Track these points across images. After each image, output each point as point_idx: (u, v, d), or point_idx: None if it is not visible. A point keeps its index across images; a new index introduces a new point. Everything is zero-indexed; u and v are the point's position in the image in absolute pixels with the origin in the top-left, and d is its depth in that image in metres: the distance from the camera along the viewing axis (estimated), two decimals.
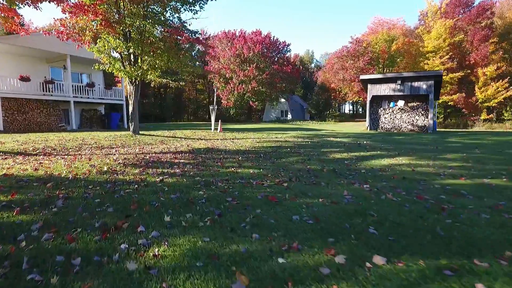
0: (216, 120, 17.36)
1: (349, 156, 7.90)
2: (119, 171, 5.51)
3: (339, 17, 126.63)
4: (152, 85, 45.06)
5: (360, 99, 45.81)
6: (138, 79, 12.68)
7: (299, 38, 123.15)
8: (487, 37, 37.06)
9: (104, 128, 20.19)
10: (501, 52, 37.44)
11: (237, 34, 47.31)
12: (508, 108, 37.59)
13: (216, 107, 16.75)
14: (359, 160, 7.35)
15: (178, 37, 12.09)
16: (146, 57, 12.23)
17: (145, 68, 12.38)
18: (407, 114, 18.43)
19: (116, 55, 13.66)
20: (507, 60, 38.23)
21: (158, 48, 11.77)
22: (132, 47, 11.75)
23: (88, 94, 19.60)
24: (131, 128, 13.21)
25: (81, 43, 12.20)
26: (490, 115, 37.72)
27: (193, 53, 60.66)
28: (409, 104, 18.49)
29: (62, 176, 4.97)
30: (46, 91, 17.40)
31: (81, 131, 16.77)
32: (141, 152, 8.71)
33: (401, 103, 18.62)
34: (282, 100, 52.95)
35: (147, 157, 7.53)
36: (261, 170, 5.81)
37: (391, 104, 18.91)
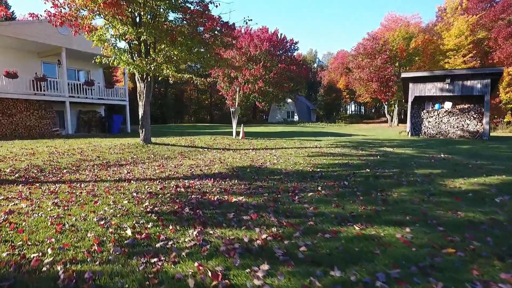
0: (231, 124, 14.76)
1: (484, 182, 5.40)
2: (155, 235, 2.94)
3: (342, 16, 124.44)
4: (171, 82, 41.96)
5: (375, 99, 43.50)
6: (151, 74, 10.09)
7: (302, 37, 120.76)
8: None
9: (105, 132, 17.56)
10: None
11: (242, 31, 44.68)
12: None
13: (239, 110, 14.19)
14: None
15: (203, 20, 9.49)
16: (163, 45, 9.63)
17: (160, 61, 9.79)
18: (456, 117, 15.97)
19: (123, 44, 11.09)
20: None
21: (179, 35, 9.16)
22: (145, 34, 9.15)
23: (86, 94, 16.96)
24: (142, 136, 10.61)
25: (79, 29, 9.61)
26: None
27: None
28: (457, 106, 16.04)
29: (43, 262, 2.40)
30: (38, 90, 14.75)
31: (78, 136, 14.14)
32: (165, 175, 6.14)
33: (448, 105, 16.16)
34: (289, 100, 50.53)
35: (181, 188, 4.96)
36: (405, 230, 3.27)
37: (436, 106, 16.46)
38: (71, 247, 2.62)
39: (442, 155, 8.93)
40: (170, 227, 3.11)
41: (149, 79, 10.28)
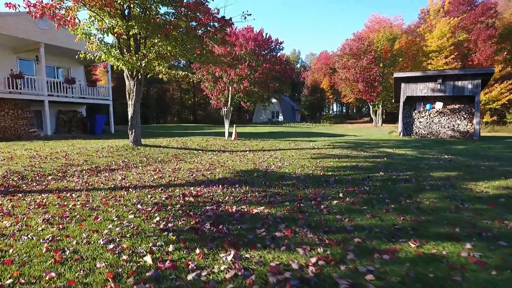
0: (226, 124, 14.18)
1: (508, 185, 5.12)
2: (181, 262, 2.39)
3: (325, 17, 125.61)
4: (165, 80, 39.98)
5: (359, 99, 43.91)
6: (142, 71, 9.39)
7: (285, 38, 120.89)
8: (491, 37, 35.84)
9: (87, 133, 16.55)
10: (505, 53, 36.34)
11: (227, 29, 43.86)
12: (511, 111, 36.58)
13: (231, 109, 13.63)
14: None
15: (198, 14, 8.89)
16: (156, 40, 8.94)
17: (151, 57, 9.11)
18: (447, 118, 16.04)
19: (110, 39, 10.32)
20: (511, 61, 37.22)
21: (174, 29, 8.51)
22: (136, 27, 8.46)
23: (66, 92, 15.91)
24: (131, 137, 9.88)
25: (63, 22, 8.80)
26: (493, 118, 36.57)
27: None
28: (448, 106, 16.12)
29: None
30: (13, 88, 13.64)
31: (58, 138, 13.15)
32: (165, 181, 5.54)
33: (439, 105, 16.21)
34: (274, 100, 50.23)
35: (189, 197, 4.39)
36: (465, 246, 2.87)
37: (427, 106, 16.49)
38: (78, 285, 2.04)
39: (445, 156, 8.73)
40: (197, 251, 2.57)
41: (139, 76, 9.58)
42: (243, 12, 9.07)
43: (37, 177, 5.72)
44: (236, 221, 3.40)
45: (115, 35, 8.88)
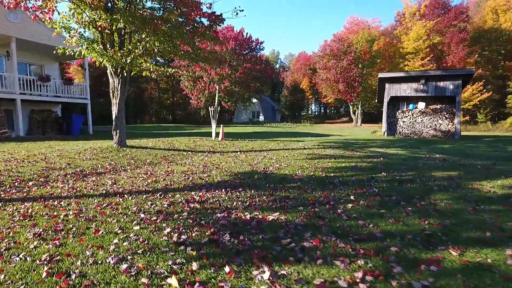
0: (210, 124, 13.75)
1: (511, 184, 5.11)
2: (213, 284, 2.07)
3: (303, 18, 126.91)
4: (154, 78, 38.31)
5: (338, 99, 44.53)
6: (127, 68, 8.85)
7: (265, 38, 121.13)
8: (463, 40, 37.32)
9: (63, 134, 15.59)
10: (476, 56, 37.96)
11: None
12: (482, 111, 38.22)
13: (218, 109, 13.22)
14: None
15: (184, 9, 8.47)
16: (144, 35, 8.42)
17: (138, 53, 8.60)
18: (429, 117, 16.40)
19: (91, 34, 9.75)
20: (481, 64, 38.92)
21: (164, 23, 8.04)
22: (121, 21, 7.92)
23: (40, 91, 14.94)
24: (116, 138, 9.30)
25: (39, 14, 8.14)
26: (466, 117, 38.10)
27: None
28: (430, 106, 16.48)
29: None
30: None
31: (32, 139, 12.24)
32: (161, 185, 5.15)
33: (421, 105, 16.55)
34: (254, 100, 50.04)
35: (193, 203, 4.04)
36: (506, 252, 2.72)
37: (410, 106, 16.80)
38: None
39: (437, 155, 8.79)
40: (226, 269, 2.25)
41: (124, 73, 9.02)
42: (235, 8, 8.75)
43: (16, 183, 5.16)
44: (255, 230, 3.10)
45: (99, 28, 8.29)
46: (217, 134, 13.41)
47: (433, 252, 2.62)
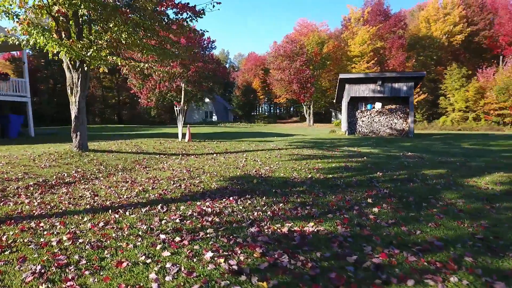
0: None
1: (501, 180, 5.34)
2: None
3: (253, 19, 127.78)
4: (125, 73, 34.47)
5: (290, 100, 45.46)
6: (87, 61, 7.76)
7: (214, 37, 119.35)
8: (402, 45, 40.50)
9: None
10: (413, 60, 41.44)
11: None
12: (419, 111, 41.81)
13: (185, 108, 12.42)
14: None
15: None
16: (111, 25, 7.41)
17: (102, 44, 7.58)
18: (386, 117, 17.33)
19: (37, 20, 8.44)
20: (417, 68, 42.59)
21: (136, 12, 7.15)
22: (82, 7, 6.87)
23: None
24: (76, 141, 8.12)
25: None
26: None
27: None
28: (386, 106, 17.43)
29: None
30: None
31: None
32: (152, 195, 4.48)
33: (378, 105, 17.43)
34: (207, 100, 48.98)
35: (211, 216, 3.51)
36: None
37: (368, 106, 17.59)
38: None
39: (410, 153, 9.15)
40: None
41: (84, 67, 7.91)
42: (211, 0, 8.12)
43: None
44: (307, 247, 2.70)
45: (56, 14, 7.13)
46: (184, 135, 12.60)
47: (508, 260, 2.48)
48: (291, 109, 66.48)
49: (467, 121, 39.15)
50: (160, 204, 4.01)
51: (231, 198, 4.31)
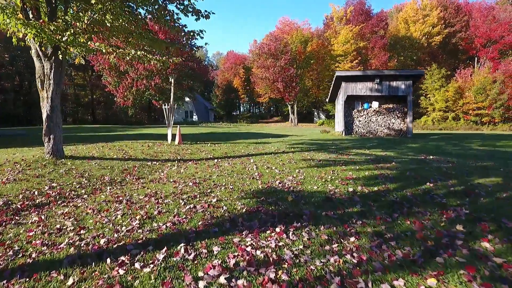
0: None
1: None
2: None
3: (233, 16, 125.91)
4: (113, 62, 31.33)
5: (272, 99, 44.57)
6: (63, 48, 6.28)
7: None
8: (385, 45, 40.60)
9: None
10: (395, 60, 41.66)
11: None
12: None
13: (174, 107, 11.00)
14: None
15: None
16: (93, 1, 5.94)
17: (82, 27, 6.13)
18: (383, 116, 16.63)
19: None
20: (398, 68, 42.86)
21: None
22: None
23: None
24: (48, 147, 6.58)
25: None
26: None
27: None
28: (383, 106, 16.74)
29: None
30: None
31: None
32: (163, 224, 3.21)
33: (375, 104, 16.71)
34: (187, 99, 47.11)
35: (261, 267, 2.32)
36: None
37: (365, 106, 16.83)
38: None
39: (432, 157, 8.29)
40: None
41: (59, 55, 6.41)
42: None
43: None
44: None
45: None
46: (173, 137, 11.20)
47: None
48: (271, 108, 65.67)
49: (446, 121, 39.83)
50: (182, 245, 2.76)
51: (277, 229, 3.12)
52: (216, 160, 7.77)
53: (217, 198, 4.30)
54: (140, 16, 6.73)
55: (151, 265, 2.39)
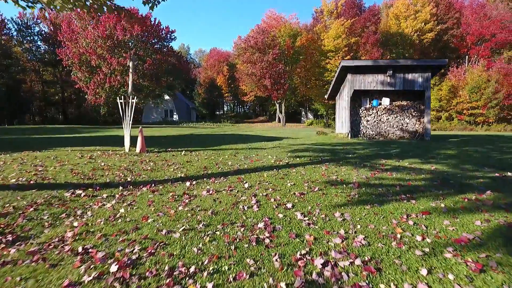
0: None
1: None
2: None
3: (215, 13, 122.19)
4: (64, 62, 26.91)
5: (258, 97, 41.72)
6: None
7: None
8: (377, 41, 38.48)
9: None
10: (388, 57, 39.61)
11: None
12: None
13: (134, 103, 7.86)
14: None
15: None
16: None
17: None
18: (395, 116, 13.99)
19: None
20: None
21: None
22: None
23: None
24: None
25: None
26: None
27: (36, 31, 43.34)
28: (395, 103, 14.12)
29: None
30: None
31: None
32: None
33: (386, 101, 14.07)
34: (166, 97, 43.55)
35: None
36: None
37: (374, 103, 14.18)
38: None
39: (486, 169, 5.58)
40: None
41: None
42: None
43: None
44: None
45: None
46: (132, 142, 8.09)
47: None
48: (257, 108, 62.78)
49: (440, 121, 38.11)
50: None
51: None
52: (188, 184, 4.78)
53: None
54: None
55: None
